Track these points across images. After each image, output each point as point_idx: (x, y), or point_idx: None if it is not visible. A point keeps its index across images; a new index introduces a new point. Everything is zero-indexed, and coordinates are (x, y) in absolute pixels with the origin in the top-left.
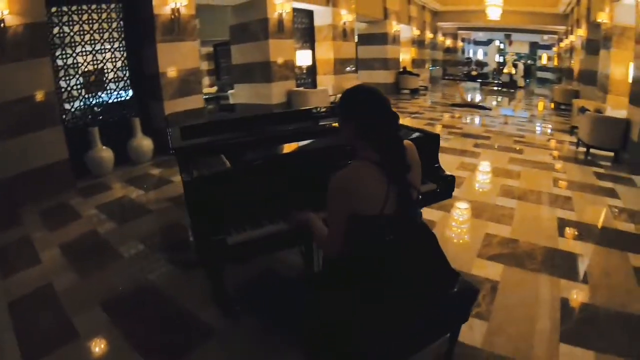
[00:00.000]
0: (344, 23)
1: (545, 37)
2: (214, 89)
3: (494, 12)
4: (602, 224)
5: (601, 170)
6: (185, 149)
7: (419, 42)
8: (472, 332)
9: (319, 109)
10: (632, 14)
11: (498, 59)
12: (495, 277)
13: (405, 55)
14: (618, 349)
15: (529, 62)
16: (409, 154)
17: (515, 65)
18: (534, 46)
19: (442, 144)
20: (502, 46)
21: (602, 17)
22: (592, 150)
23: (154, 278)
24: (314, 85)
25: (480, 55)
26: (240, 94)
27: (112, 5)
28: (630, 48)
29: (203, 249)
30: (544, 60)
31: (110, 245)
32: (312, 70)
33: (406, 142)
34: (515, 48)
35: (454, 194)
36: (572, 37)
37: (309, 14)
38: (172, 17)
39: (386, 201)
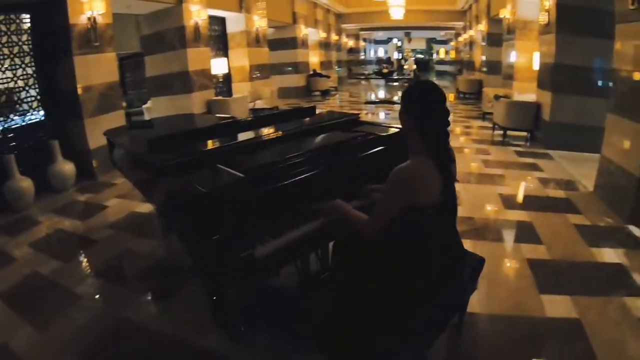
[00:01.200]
0: (257, 29)
1: (442, 33)
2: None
3: (397, 12)
4: (536, 193)
5: (520, 149)
6: (168, 162)
7: (325, 45)
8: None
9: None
10: (533, 9)
11: (397, 56)
12: None
13: (314, 58)
14: (585, 290)
15: (426, 57)
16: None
17: (405, 60)
18: (431, 42)
19: None
20: (399, 44)
21: (505, 13)
22: (508, 133)
23: (130, 313)
24: (229, 93)
25: (381, 54)
26: (157, 108)
27: (22, 16)
28: (532, 39)
29: (224, 269)
30: (441, 55)
31: (61, 286)
32: (227, 78)
33: None
34: (413, 44)
35: None
36: (471, 32)
37: (222, 21)
38: (89, 26)
39: (441, 192)
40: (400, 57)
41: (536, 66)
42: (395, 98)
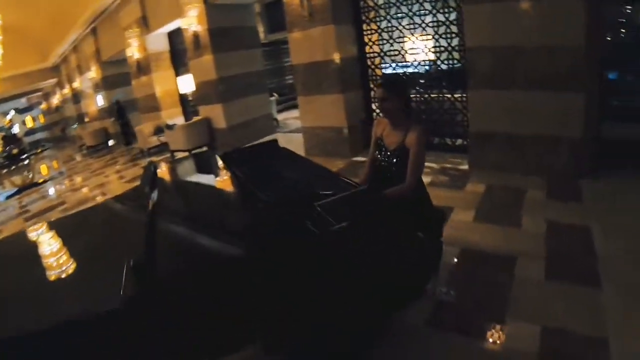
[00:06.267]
0: None
1: (24, 100)
2: None
3: None
4: None
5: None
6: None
7: None
8: None
9: None
10: (162, 41)
11: None
12: None
13: None
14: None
15: (9, 132)
16: None
17: None
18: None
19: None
20: None
21: (132, 51)
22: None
23: None
24: None
25: None
26: None
27: None
28: (168, 68)
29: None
30: (29, 124)
31: None
32: None
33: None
34: None
35: None
36: (75, 83)
37: None
38: None
39: None
40: None
41: (183, 90)
42: (38, 179)
